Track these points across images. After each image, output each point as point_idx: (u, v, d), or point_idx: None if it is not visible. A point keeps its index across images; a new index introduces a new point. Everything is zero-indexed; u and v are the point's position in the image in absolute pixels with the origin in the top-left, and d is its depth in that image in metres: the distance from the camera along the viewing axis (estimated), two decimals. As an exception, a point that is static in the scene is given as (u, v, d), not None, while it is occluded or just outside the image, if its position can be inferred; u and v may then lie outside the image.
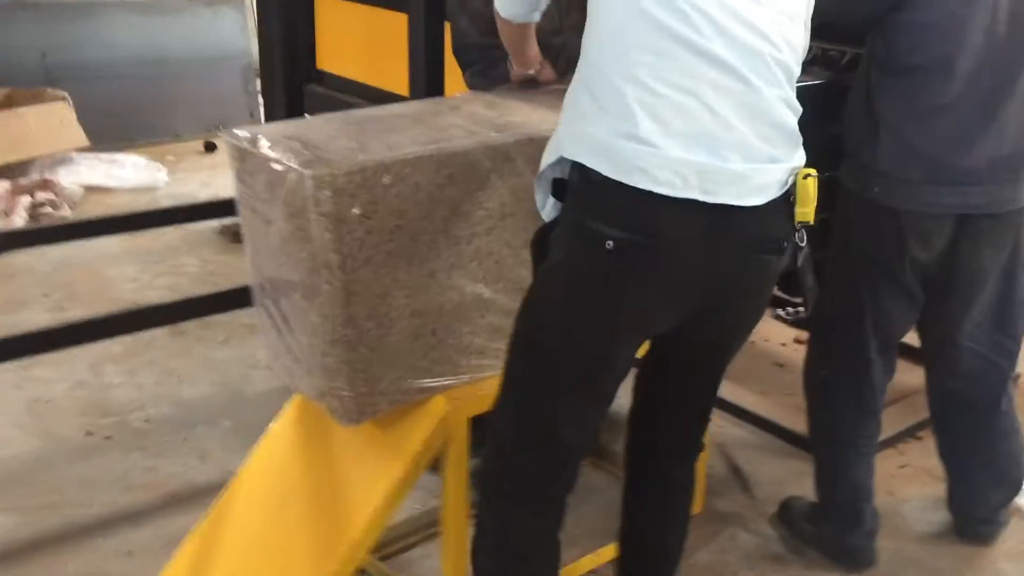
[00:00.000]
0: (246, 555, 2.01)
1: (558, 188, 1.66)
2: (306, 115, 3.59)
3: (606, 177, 1.54)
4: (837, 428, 2.34)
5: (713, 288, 1.62)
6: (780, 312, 3.71)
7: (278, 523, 2.01)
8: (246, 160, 1.90)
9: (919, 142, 2.07)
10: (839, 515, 2.38)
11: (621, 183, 1.52)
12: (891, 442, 2.86)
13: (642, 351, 1.83)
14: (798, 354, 3.42)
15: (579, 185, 1.59)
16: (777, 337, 3.59)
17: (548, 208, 1.70)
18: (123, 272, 4.01)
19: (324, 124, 2.01)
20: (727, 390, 2.91)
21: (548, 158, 1.65)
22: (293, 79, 3.40)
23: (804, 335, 3.52)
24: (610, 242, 1.54)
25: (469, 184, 1.86)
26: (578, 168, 1.59)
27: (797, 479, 2.69)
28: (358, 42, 3.90)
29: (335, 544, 1.88)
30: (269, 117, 4.74)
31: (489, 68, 2.39)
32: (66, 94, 5.10)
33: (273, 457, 2.15)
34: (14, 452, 2.77)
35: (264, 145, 1.84)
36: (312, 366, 1.91)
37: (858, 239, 2.20)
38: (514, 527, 1.80)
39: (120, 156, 5.22)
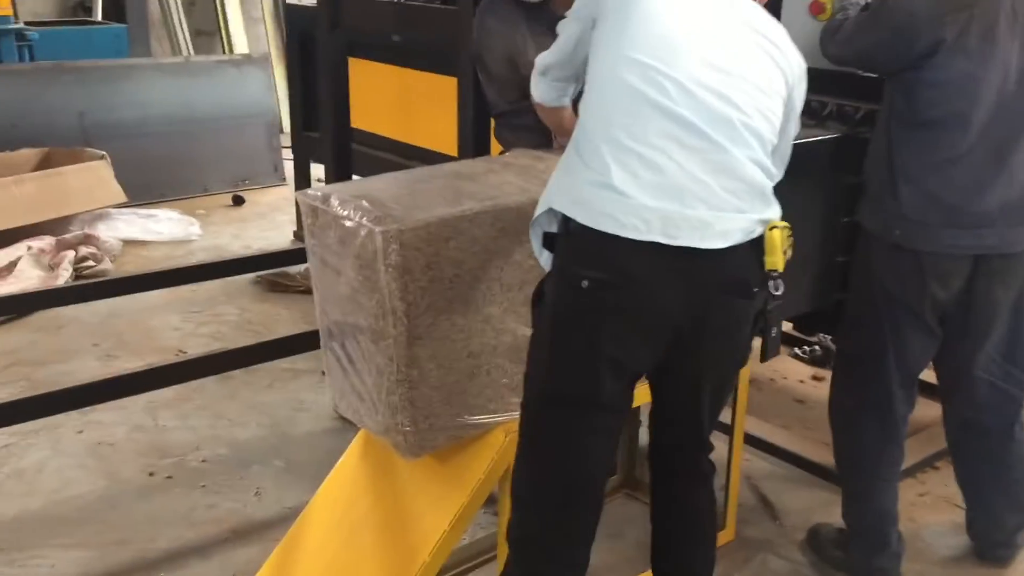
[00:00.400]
0: (321, 577, 2.16)
1: (548, 241, 1.86)
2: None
3: (582, 224, 1.73)
4: (862, 457, 2.50)
5: (683, 326, 1.78)
6: (797, 351, 3.89)
7: (350, 550, 2.17)
8: (318, 217, 2.08)
9: (938, 189, 2.26)
10: (866, 539, 2.52)
11: (593, 229, 1.72)
12: (911, 472, 3.01)
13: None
14: (816, 390, 3.60)
15: (561, 234, 1.80)
16: (795, 375, 3.75)
17: (544, 259, 1.90)
18: (167, 321, 4.18)
19: (387, 183, 2.20)
20: (752, 425, 3.09)
21: (539, 209, 1.86)
22: (340, 137, 3.58)
23: (821, 372, 3.71)
24: (585, 282, 1.73)
25: (520, 235, 2.05)
26: (562, 219, 1.79)
27: (823, 507, 2.85)
28: (389, 101, 4.13)
29: (407, 568, 2.03)
30: (298, 171, 4.99)
31: (514, 119, 2.63)
32: (104, 153, 5.31)
33: (343, 488, 2.30)
34: (81, 492, 2.92)
35: (335, 203, 2.03)
36: (377, 404, 2.07)
37: (880, 279, 2.37)
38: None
39: (155, 211, 5.44)
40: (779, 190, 2.52)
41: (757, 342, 2.01)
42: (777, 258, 1.79)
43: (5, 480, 2.97)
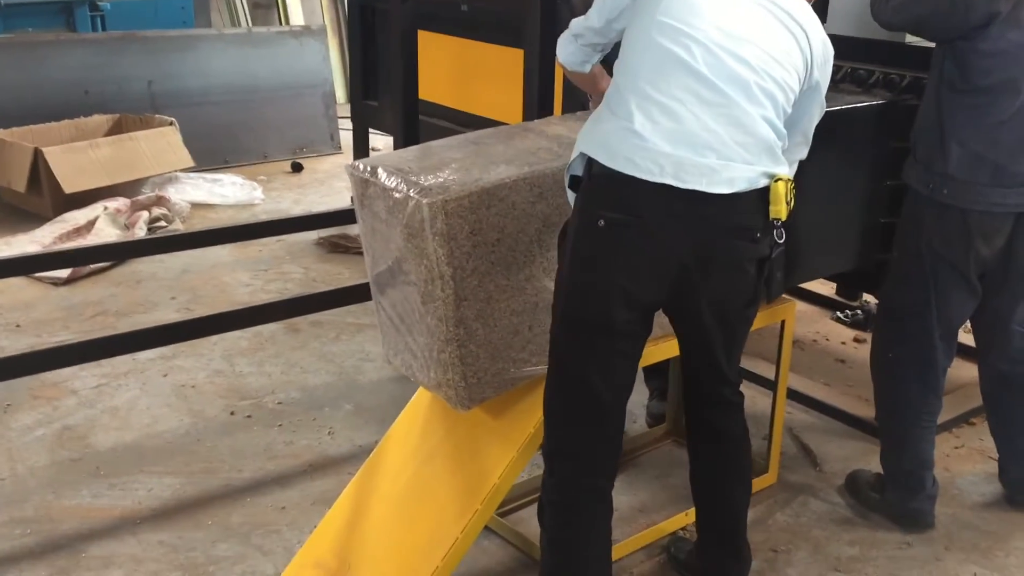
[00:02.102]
0: (399, 500, 2.37)
1: (574, 182, 2.04)
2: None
3: (602, 166, 1.92)
4: (903, 405, 2.65)
5: (688, 263, 1.95)
6: (839, 315, 4.04)
7: (426, 473, 2.37)
8: (368, 188, 2.24)
9: (985, 150, 2.39)
10: (903, 482, 2.68)
11: (612, 170, 1.90)
12: (947, 427, 3.16)
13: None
14: (857, 351, 3.75)
15: (585, 176, 1.98)
16: (838, 337, 3.90)
17: (571, 198, 2.07)
18: (237, 278, 4.42)
19: (430, 153, 2.34)
20: (795, 381, 3.25)
21: (573, 154, 2.04)
22: (409, 107, 3.74)
23: (863, 335, 3.86)
24: (601, 221, 1.92)
25: (556, 199, 2.20)
26: (587, 163, 1.97)
27: (861, 456, 3.01)
28: (454, 72, 4.29)
29: (479, 488, 2.23)
30: (357, 139, 5.19)
31: None
32: (174, 120, 5.57)
33: (416, 422, 2.51)
34: (169, 427, 3.16)
35: (383, 176, 2.18)
36: (428, 361, 2.25)
37: (927, 237, 2.50)
38: (570, 486, 2.09)
39: (220, 176, 5.68)
40: (827, 153, 2.69)
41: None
42: (780, 208, 1.95)
43: (100, 415, 3.22)
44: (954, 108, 2.42)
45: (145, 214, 4.89)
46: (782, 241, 1.99)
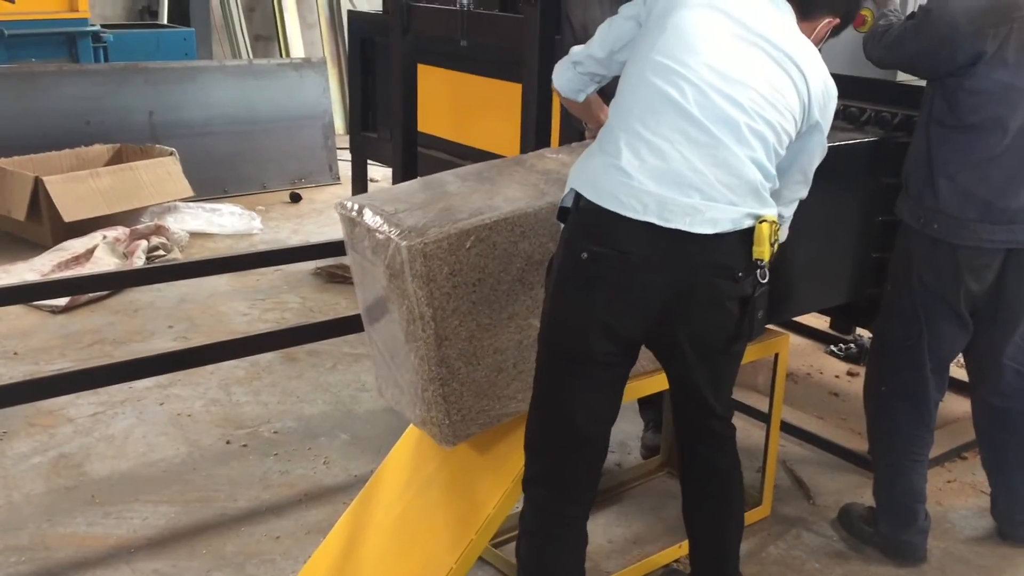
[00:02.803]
0: (393, 529, 2.39)
1: (563, 214, 2.06)
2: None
3: (589, 201, 1.95)
4: (895, 437, 2.67)
5: (668, 298, 1.97)
6: (833, 348, 4.06)
7: (421, 504, 2.39)
8: (355, 227, 2.25)
9: (974, 186, 2.43)
10: (895, 515, 2.70)
11: (598, 206, 1.93)
12: (939, 460, 3.18)
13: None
14: (851, 385, 3.78)
15: (572, 210, 2.01)
16: (831, 370, 3.92)
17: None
18: (234, 308, 4.44)
19: (416, 191, 2.35)
20: (788, 414, 3.27)
21: (566, 189, 2.07)
22: (408, 140, 3.79)
23: (856, 368, 3.88)
24: (585, 254, 1.95)
25: (540, 238, 2.21)
26: (575, 196, 2.00)
27: (854, 490, 3.03)
28: (452, 106, 4.35)
29: (473, 519, 2.25)
30: (355, 170, 5.23)
31: None
32: (173, 150, 5.61)
33: (411, 452, 2.52)
34: (165, 456, 3.17)
35: (368, 215, 2.19)
36: (414, 398, 2.26)
37: (918, 271, 2.54)
38: (545, 515, 2.10)
39: (219, 206, 5.71)
40: (821, 188, 2.72)
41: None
42: (764, 248, 1.96)
43: (96, 443, 3.23)
44: (943, 144, 2.47)
45: (144, 243, 4.92)
46: (765, 281, 1.99)
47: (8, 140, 5.42)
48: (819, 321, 4.14)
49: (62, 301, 4.26)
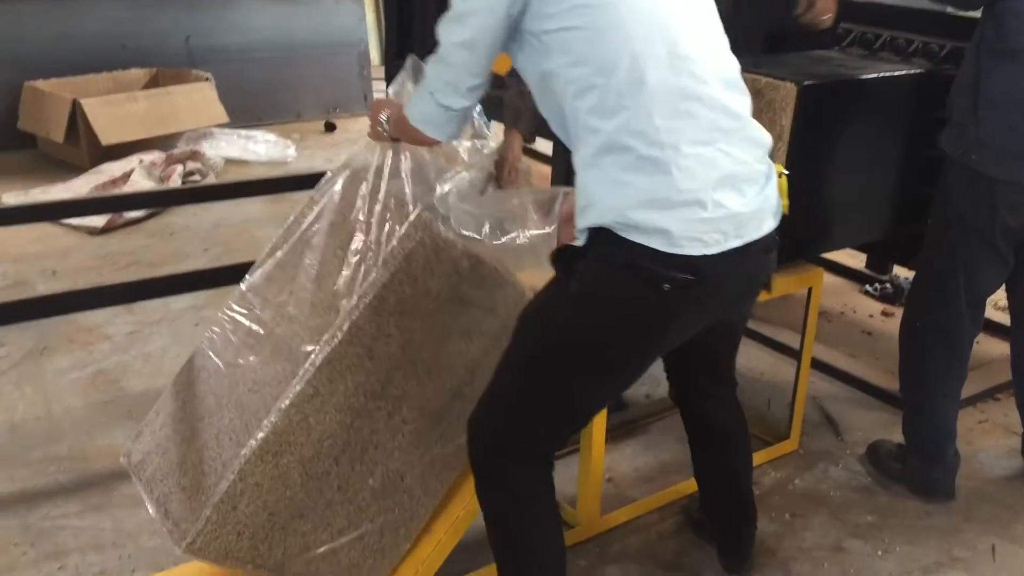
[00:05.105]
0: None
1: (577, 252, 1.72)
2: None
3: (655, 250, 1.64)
4: (927, 374, 2.64)
5: (738, 294, 1.85)
6: (868, 288, 4.02)
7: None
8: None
9: (1018, 120, 2.35)
10: (924, 452, 2.69)
11: (674, 255, 1.64)
12: (971, 401, 3.16)
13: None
14: (885, 324, 3.74)
15: (613, 243, 1.66)
16: (865, 310, 3.89)
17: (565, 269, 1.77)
18: (268, 233, 4.37)
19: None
20: (820, 351, 3.25)
21: (581, 238, 1.72)
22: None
23: (891, 308, 3.84)
24: (667, 284, 1.65)
25: None
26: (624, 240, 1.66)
27: (884, 427, 3.02)
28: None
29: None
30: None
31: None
32: (210, 75, 5.61)
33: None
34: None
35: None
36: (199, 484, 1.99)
37: (955, 203, 2.48)
38: (518, 478, 1.89)
39: (254, 132, 5.71)
40: (863, 121, 2.67)
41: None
42: (786, 201, 1.85)
43: (132, 361, 3.29)
44: (991, 71, 2.39)
45: (180, 168, 4.94)
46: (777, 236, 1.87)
47: (46, 63, 5.43)
48: (855, 261, 4.09)
49: (100, 223, 4.31)
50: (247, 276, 2.11)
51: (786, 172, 1.88)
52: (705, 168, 1.65)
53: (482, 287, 2.00)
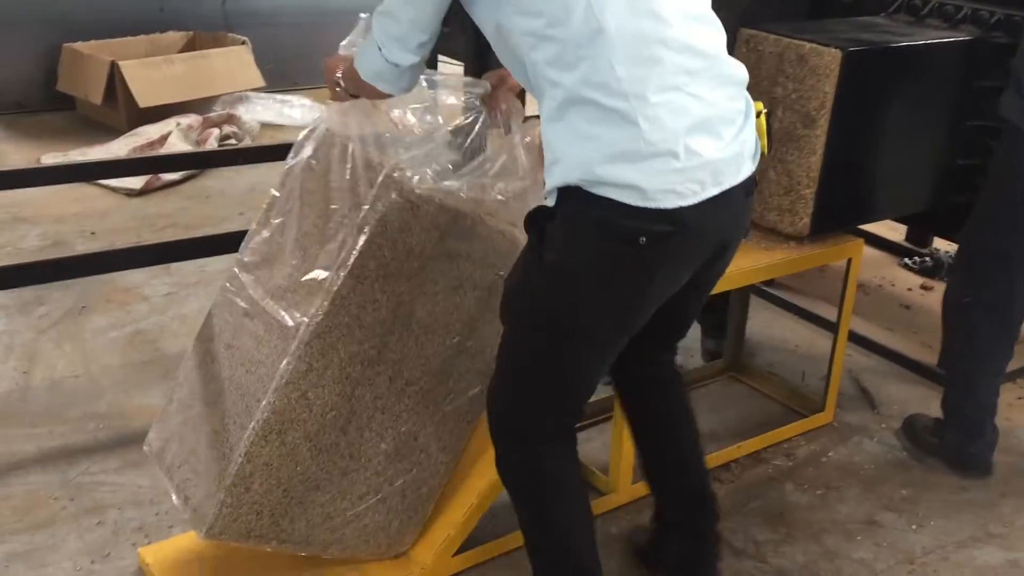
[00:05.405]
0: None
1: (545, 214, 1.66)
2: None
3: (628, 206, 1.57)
4: (973, 349, 2.58)
5: (720, 243, 1.73)
6: (907, 261, 3.96)
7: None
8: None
9: None
10: (963, 426, 2.65)
11: (650, 209, 1.56)
12: (1011, 377, 3.10)
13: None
14: (923, 298, 3.70)
15: (587, 205, 1.59)
16: (904, 283, 3.84)
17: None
18: (303, 197, 4.47)
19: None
20: (857, 324, 3.21)
21: (550, 198, 1.65)
22: (479, 33, 3.71)
23: (930, 282, 3.79)
24: (643, 238, 1.57)
25: None
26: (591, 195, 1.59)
27: (920, 401, 2.98)
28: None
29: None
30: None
31: None
32: (246, 39, 5.61)
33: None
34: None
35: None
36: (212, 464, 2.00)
37: (1020, 173, 2.37)
38: (537, 453, 1.84)
39: (290, 97, 5.71)
40: (907, 89, 2.61)
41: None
42: (765, 142, 1.76)
43: (170, 322, 3.32)
44: None
45: (216, 131, 4.96)
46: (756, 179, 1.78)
47: (84, 24, 5.45)
48: (893, 234, 4.04)
49: (137, 185, 4.34)
50: (238, 255, 2.06)
51: (765, 111, 1.79)
52: (674, 116, 1.56)
53: (467, 239, 1.93)
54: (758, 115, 1.75)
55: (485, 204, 1.93)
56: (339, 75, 1.92)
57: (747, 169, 1.69)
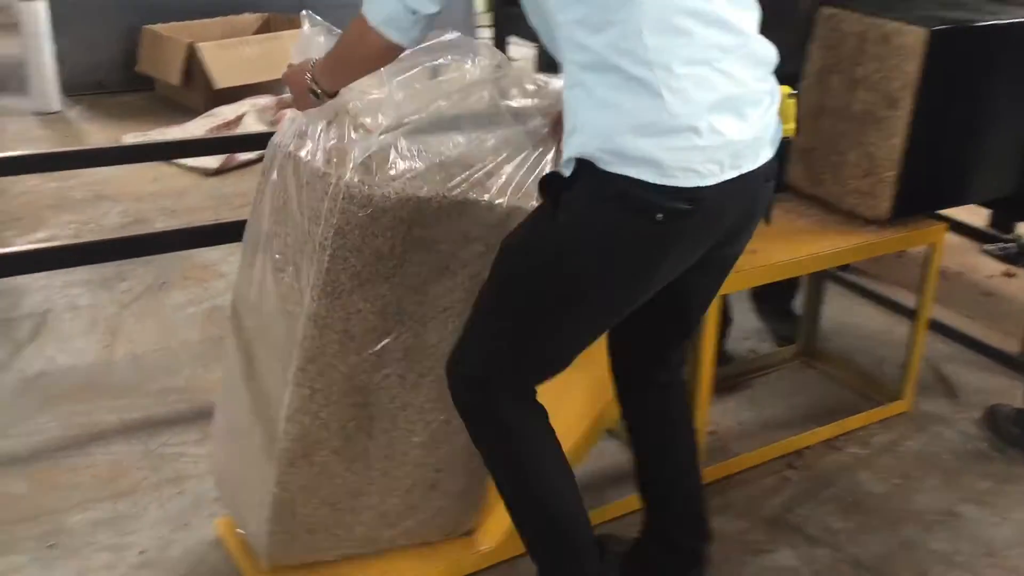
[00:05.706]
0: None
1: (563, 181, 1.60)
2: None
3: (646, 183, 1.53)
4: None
5: (736, 227, 1.68)
6: (989, 247, 3.85)
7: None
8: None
9: None
10: (1047, 418, 2.59)
11: (667, 186, 1.53)
12: (1098, 367, 3.02)
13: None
14: (1006, 285, 3.59)
15: (605, 181, 1.55)
16: (985, 270, 3.73)
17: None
18: (375, 178, 4.52)
19: None
20: (936, 311, 3.13)
21: (567, 168, 1.59)
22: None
23: (1014, 269, 3.68)
24: (660, 214, 1.54)
25: None
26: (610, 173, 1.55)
27: (1002, 391, 2.90)
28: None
29: (601, 392, 2.24)
30: (496, 47, 5.17)
31: None
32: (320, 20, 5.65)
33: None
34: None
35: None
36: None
37: None
38: (508, 412, 1.76)
39: (361, 78, 5.76)
40: (992, 68, 2.53)
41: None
42: (791, 125, 1.72)
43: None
44: None
45: (290, 112, 5.01)
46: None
47: (163, 7, 5.58)
48: (975, 218, 3.92)
49: (214, 164, 4.43)
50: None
51: (795, 92, 1.74)
52: (700, 90, 1.51)
53: (439, 223, 1.80)
54: (788, 97, 1.71)
55: (451, 179, 1.78)
56: (309, 77, 1.85)
57: (766, 154, 1.65)
